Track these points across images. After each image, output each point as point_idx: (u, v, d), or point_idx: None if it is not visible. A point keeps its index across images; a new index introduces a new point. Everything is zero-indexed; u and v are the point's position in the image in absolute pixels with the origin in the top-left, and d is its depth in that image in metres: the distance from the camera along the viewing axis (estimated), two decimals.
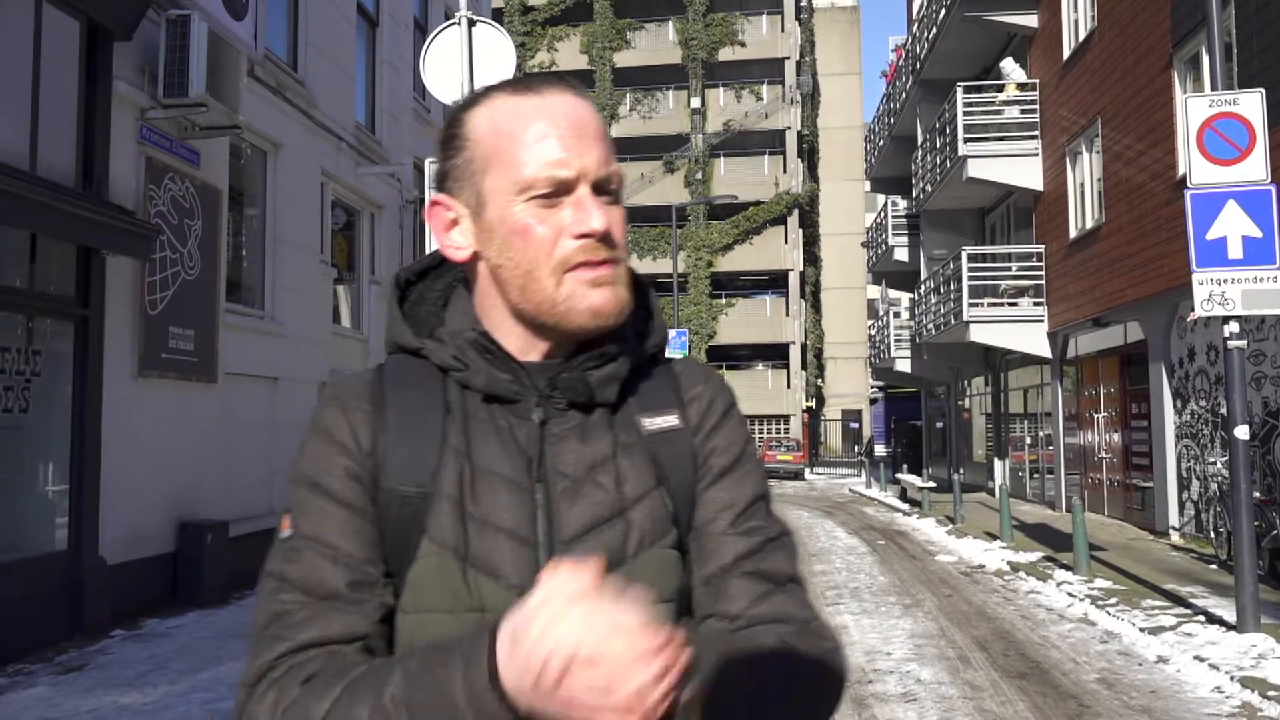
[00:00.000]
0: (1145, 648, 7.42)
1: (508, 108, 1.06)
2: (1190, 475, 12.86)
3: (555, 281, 1.04)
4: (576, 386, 1.07)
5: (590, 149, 1.05)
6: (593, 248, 1.04)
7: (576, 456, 1.06)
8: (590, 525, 1.03)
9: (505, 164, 1.04)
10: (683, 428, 1.12)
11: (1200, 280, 7.35)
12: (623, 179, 1.10)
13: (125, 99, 8.20)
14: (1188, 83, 12.44)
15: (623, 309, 1.07)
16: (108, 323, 8.01)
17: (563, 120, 1.05)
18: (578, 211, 1.04)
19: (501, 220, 1.05)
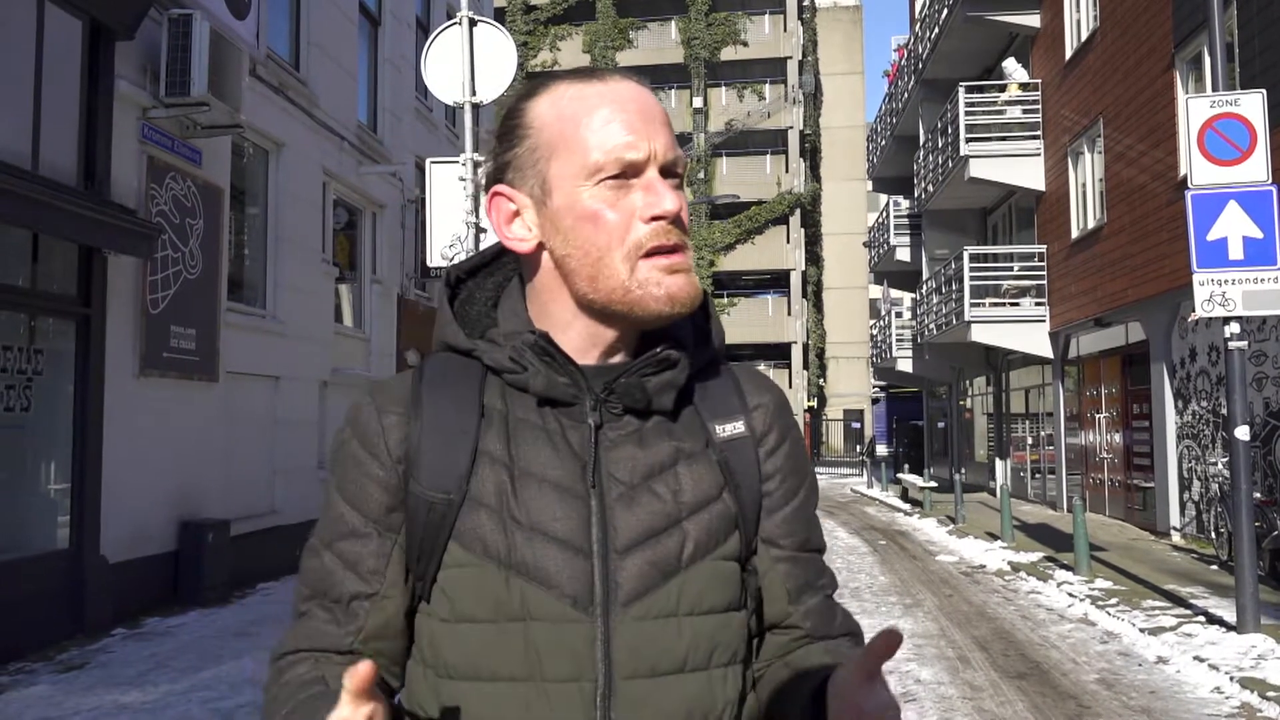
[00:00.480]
0: (1145, 648, 7.42)
1: (571, 94, 1.05)
2: (1191, 476, 12.85)
3: (629, 267, 1.02)
4: (634, 392, 1.05)
5: (658, 132, 1.04)
6: (665, 231, 1.02)
7: (633, 463, 1.04)
8: (646, 535, 1.02)
9: (572, 149, 1.03)
10: (749, 435, 1.11)
11: (1201, 281, 7.35)
12: (686, 167, 1.09)
13: (127, 98, 8.21)
14: (1190, 83, 12.42)
15: (696, 297, 1.05)
16: (109, 322, 8.03)
17: (630, 104, 1.04)
18: (649, 194, 1.02)
19: (570, 206, 1.03)
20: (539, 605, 0.99)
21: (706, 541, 1.04)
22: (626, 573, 1.00)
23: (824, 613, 1.15)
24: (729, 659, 1.05)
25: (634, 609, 0.99)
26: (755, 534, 1.11)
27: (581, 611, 0.99)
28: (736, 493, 1.08)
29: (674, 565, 1.02)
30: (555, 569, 0.99)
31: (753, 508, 1.10)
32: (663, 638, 1.00)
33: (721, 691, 1.03)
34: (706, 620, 1.03)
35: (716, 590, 1.04)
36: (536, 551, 0.99)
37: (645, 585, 1.00)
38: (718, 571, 1.05)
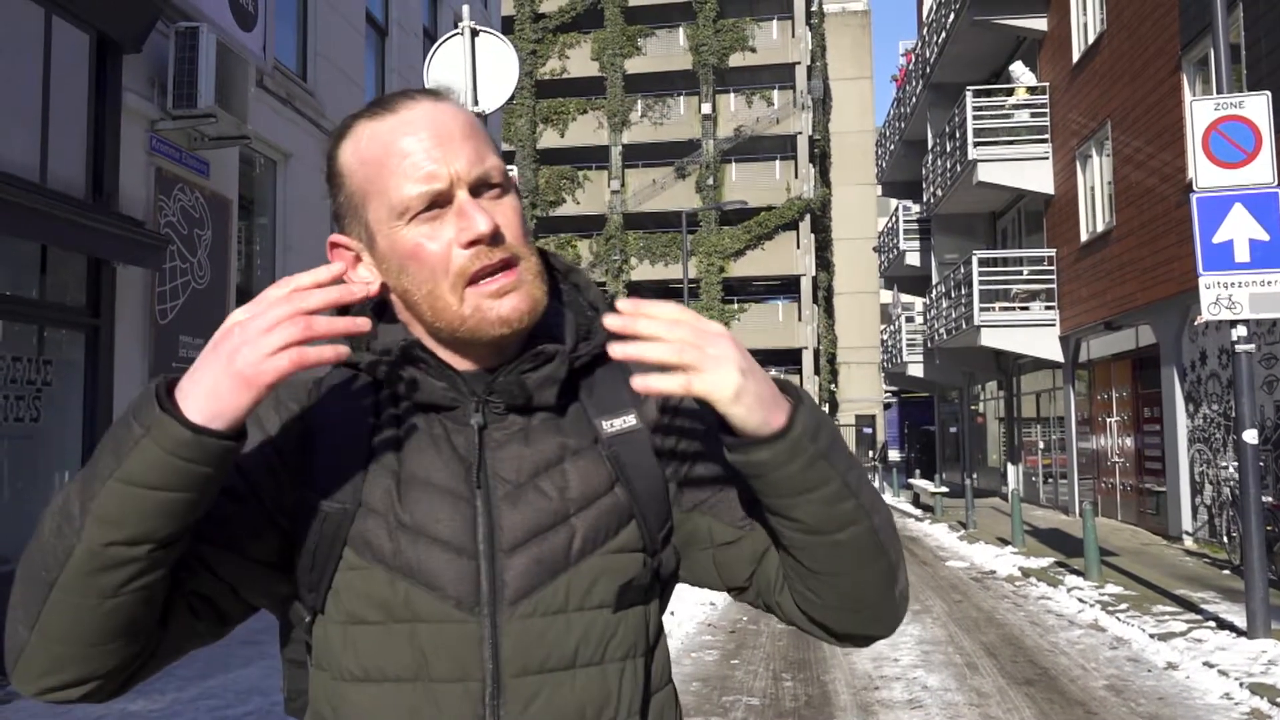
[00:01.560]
0: (1155, 654, 7.37)
1: (367, 135, 1.05)
2: (1203, 479, 12.77)
3: (458, 299, 1.03)
4: (513, 390, 1.06)
5: (457, 152, 1.03)
6: (484, 253, 1.02)
7: (519, 462, 1.05)
8: (532, 532, 1.02)
9: (380, 192, 1.03)
10: (641, 427, 1.11)
11: (1207, 284, 7.32)
12: (505, 170, 1.08)
13: (135, 111, 8.27)
14: (1196, 85, 12.38)
15: (535, 309, 1.06)
16: (118, 332, 8.08)
17: (423, 131, 1.03)
18: (460, 219, 1.02)
19: (392, 248, 1.04)
20: (424, 607, 1.00)
21: (595, 536, 1.04)
22: (513, 571, 1.01)
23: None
24: (626, 653, 1.05)
25: (521, 607, 1.01)
26: (665, 521, 1.10)
27: (466, 612, 1.00)
28: (629, 486, 1.07)
29: (562, 562, 1.02)
30: (439, 570, 1.00)
31: (653, 496, 1.08)
32: (551, 634, 1.01)
33: (618, 686, 1.03)
34: (599, 614, 1.03)
35: (609, 584, 1.04)
36: (421, 554, 1.00)
37: (532, 583, 1.01)
38: (610, 565, 1.04)
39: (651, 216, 40.38)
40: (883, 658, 7.38)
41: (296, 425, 1.07)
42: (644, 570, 1.07)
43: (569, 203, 40.88)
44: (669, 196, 39.89)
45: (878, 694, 6.38)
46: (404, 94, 1.08)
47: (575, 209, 40.61)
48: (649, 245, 40.22)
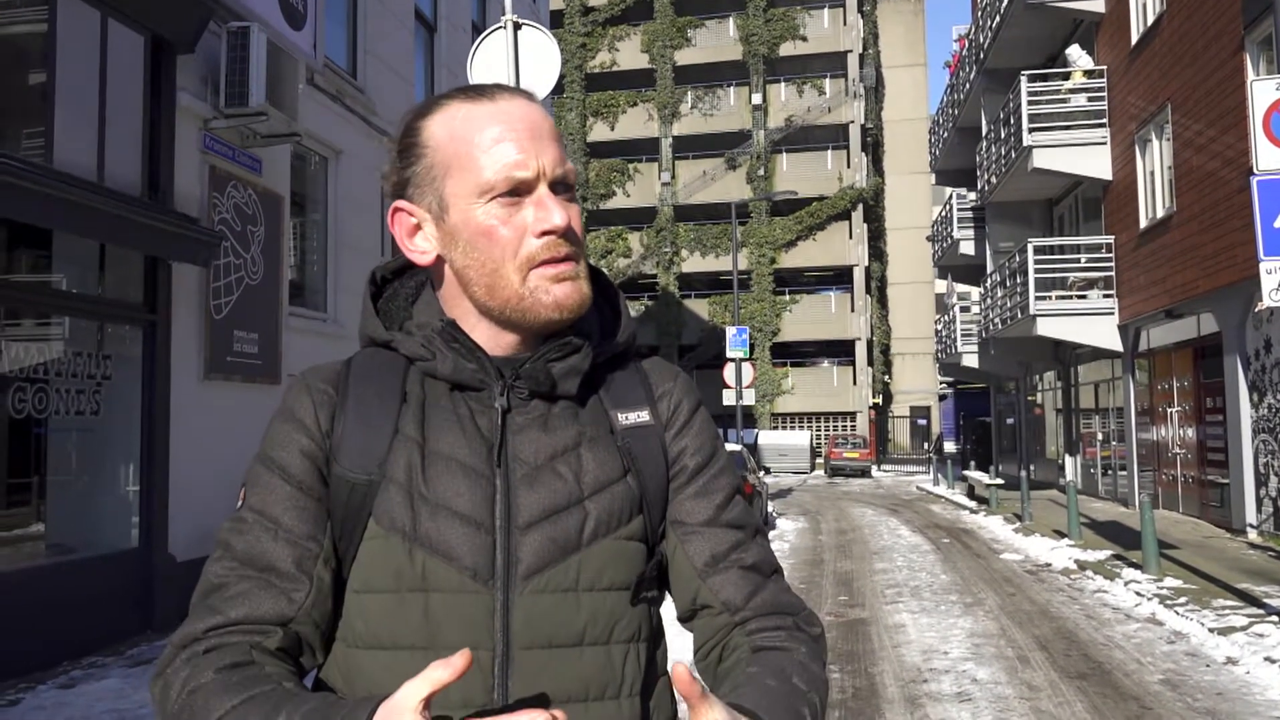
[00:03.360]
0: (1214, 648, 7.20)
1: (462, 114, 1.10)
2: (1268, 471, 12.43)
3: (521, 278, 1.08)
4: (538, 376, 1.10)
5: (546, 149, 1.09)
6: (555, 244, 1.08)
7: (537, 445, 1.09)
8: (547, 512, 1.06)
9: (465, 168, 1.08)
10: (654, 424, 1.16)
11: (1269, 269, 7.13)
12: (576, 177, 1.14)
13: (188, 110, 8.44)
14: (1260, 65, 12.03)
15: (584, 302, 1.11)
16: (174, 327, 8.26)
17: (518, 123, 1.09)
18: (539, 210, 1.08)
19: (465, 223, 1.08)
20: (439, 576, 1.03)
21: (608, 521, 1.08)
22: (527, 547, 1.04)
23: (738, 585, 1.14)
24: (631, 636, 1.08)
25: (533, 582, 1.04)
26: (662, 517, 1.15)
27: (480, 584, 1.03)
28: (639, 477, 1.12)
29: (574, 542, 1.06)
30: (457, 542, 1.03)
31: (658, 492, 1.14)
32: (560, 611, 1.04)
33: (622, 667, 1.07)
34: (606, 596, 1.07)
35: (618, 568, 1.08)
36: (440, 525, 1.04)
37: (544, 560, 1.04)
38: (620, 550, 1.08)
39: (702, 208, 40.24)
40: (933, 650, 7.30)
41: (328, 406, 1.11)
42: (649, 560, 1.12)
43: (619, 195, 40.91)
44: (719, 188, 39.73)
45: (926, 686, 6.31)
46: (500, 86, 1.14)
47: (625, 201, 40.63)
48: (699, 237, 40.10)
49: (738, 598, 1.13)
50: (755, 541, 1.19)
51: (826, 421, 40.16)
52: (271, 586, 1.04)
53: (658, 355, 1.30)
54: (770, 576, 1.18)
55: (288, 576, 1.04)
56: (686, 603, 1.16)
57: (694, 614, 1.17)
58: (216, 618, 1.02)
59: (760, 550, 1.19)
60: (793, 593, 1.20)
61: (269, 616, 1.03)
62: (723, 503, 1.17)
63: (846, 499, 23.48)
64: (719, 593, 1.13)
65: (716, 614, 1.14)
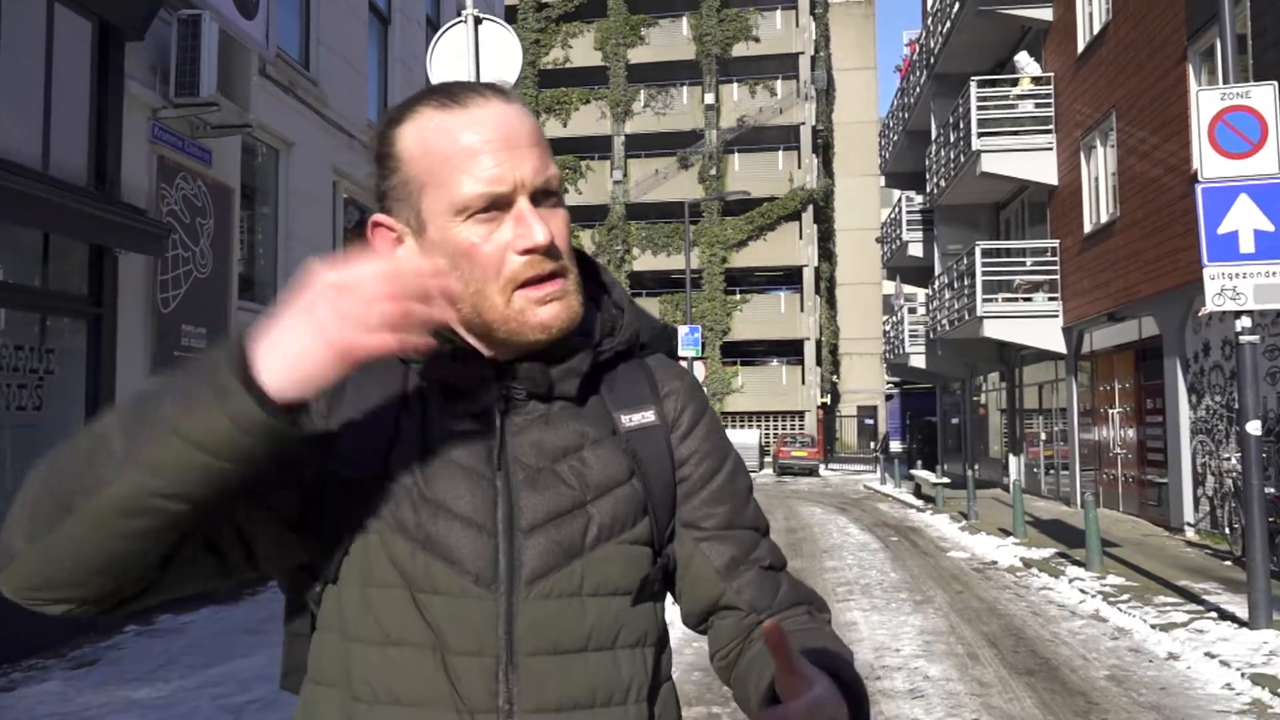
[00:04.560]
0: (1156, 644, 7.38)
1: (434, 125, 1.05)
2: (1205, 471, 12.77)
3: (505, 299, 1.04)
4: (536, 378, 1.08)
5: (523, 159, 1.04)
6: (538, 262, 1.04)
7: (538, 447, 1.07)
8: (551, 515, 1.04)
9: (440, 185, 1.03)
10: (659, 424, 1.14)
11: (1212, 275, 7.30)
12: (562, 180, 1.10)
13: (137, 98, 8.26)
14: (1203, 76, 12.34)
15: (573, 319, 1.07)
16: (120, 321, 8.08)
17: (492, 133, 1.03)
18: (519, 226, 1.03)
19: (444, 241, 1.04)
20: (442, 580, 1.01)
21: (612, 524, 1.06)
22: (530, 551, 1.03)
23: (762, 585, 1.15)
24: (636, 641, 1.07)
25: (537, 587, 1.02)
26: (670, 520, 1.14)
27: (484, 588, 1.01)
28: (645, 480, 1.10)
29: (578, 546, 1.04)
30: (459, 545, 1.02)
31: (664, 494, 1.12)
32: (565, 616, 1.03)
33: (628, 672, 1.06)
34: (612, 601, 1.05)
35: (623, 573, 1.06)
36: (441, 528, 1.02)
37: (548, 564, 1.03)
38: (625, 554, 1.07)
39: (654, 207, 40.31)
40: (884, 648, 7.39)
41: (323, 395, 1.05)
42: (655, 564, 1.11)
43: (571, 193, 40.79)
44: (672, 187, 39.83)
45: (879, 684, 6.38)
46: (473, 88, 1.08)
47: (578, 199, 40.54)
48: (651, 235, 40.16)
49: (764, 599, 1.14)
50: (767, 540, 1.20)
51: (775, 420, 40.46)
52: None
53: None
54: (783, 571, 1.19)
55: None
56: (704, 606, 1.16)
57: (709, 617, 1.17)
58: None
59: (772, 548, 1.19)
60: (803, 583, 1.21)
61: None
62: (738, 505, 1.17)
63: (795, 498, 23.67)
64: (743, 594, 1.14)
65: (743, 616, 1.14)
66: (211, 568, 1.00)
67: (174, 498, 0.87)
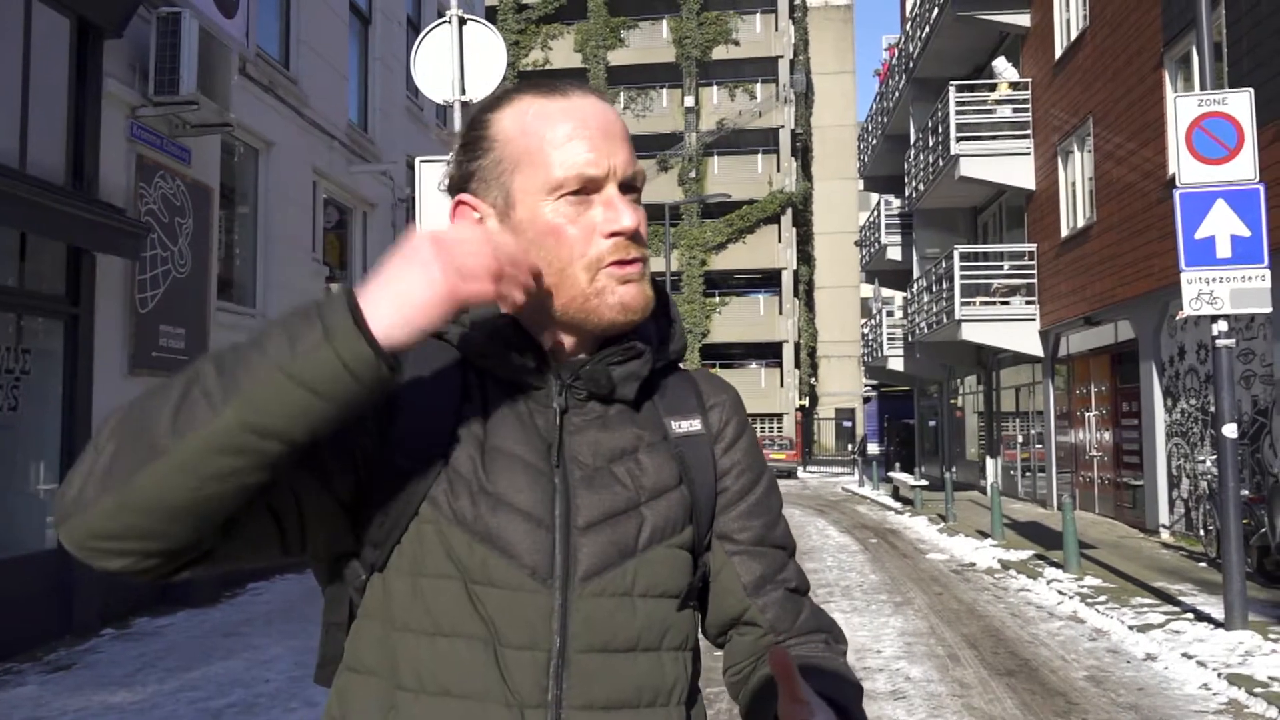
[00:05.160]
0: (1134, 645, 7.45)
1: (534, 110, 1.09)
2: (1180, 473, 12.90)
3: (589, 278, 1.06)
4: (599, 379, 1.10)
5: (618, 149, 1.08)
6: (624, 246, 1.07)
7: (595, 447, 1.09)
8: (607, 514, 1.05)
9: (535, 164, 1.06)
10: (705, 433, 1.17)
11: (1189, 279, 7.38)
12: (644, 179, 1.13)
13: (115, 97, 8.18)
14: (1178, 82, 12.47)
15: (648, 305, 1.10)
16: (98, 321, 8.00)
17: (591, 121, 1.07)
18: (609, 210, 1.06)
19: (532, 220, 1.06)
20: (499, 573, 1.01)
21: (664, 527, 1.08)
22: (587, 549, 1.04)
23: (785, 607, 1.17)
24: (680, 644, 1.09)
25: (592, 585, 1.03)
26: (709, 529, 1.16)
27: (540, 583, 1.02)
28: (691, 486, 1.12)
29: (631, 546, 1.06)
30: (517, 539, 1.02)
31: (707, 502, 1.14)
32: (618, 615, 1.04)
33: (672, 674, 1.07)
34: (660, 603, 1.07)
35: (670, 576, 1.08)
36: (501, 521, 1.02)
37: (604, 562, 1.04)
38: (673, 558, 1.09)
39: None
40: (865, 649, 7.42)
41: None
42: (695, 570, 1.13)
43: None
44: (651, 189, 39.79)
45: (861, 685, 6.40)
46: (572, 83, 1.12)
47: None
48: None
49: (785, 621, 1.16)
50: (794, 561, 1.22)
51: (754, 423, 39.91)
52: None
53: None
54: (806, 595, 1.21)
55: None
56: (727, 619, 1.18)
57: (729, 630, 1.19)
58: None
59: (798, 571, 1.21)
60: (824, 611, 1.23)
61: None
62: (771, 522, 1.19)
63: None
64: (766, 613, 1.16)
65: (762, 635, 1.16)
66: (271, 537, 0.99)
67: (272, 436, 0.86)
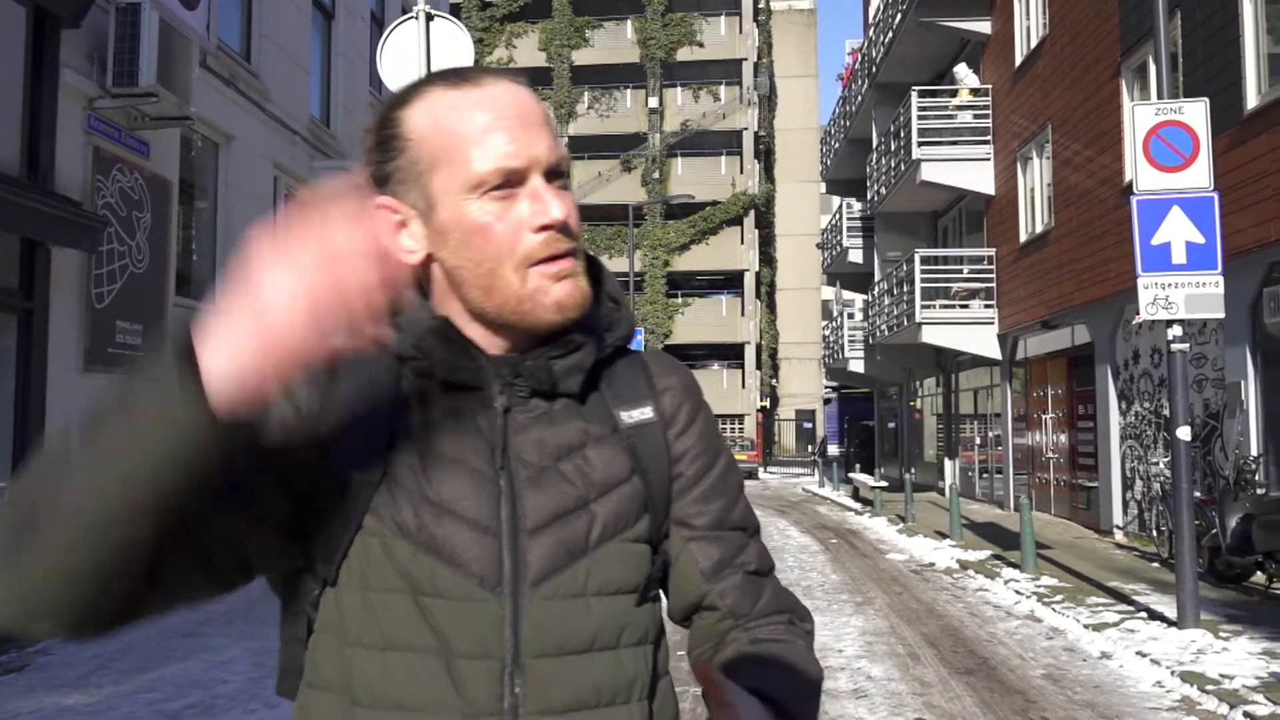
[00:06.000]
0: (1089, 644, 7.57)
1: (446, 102, 1.03)
2: (1134, 475, 13.14)
3: (520, 278, 1.01)
4: (540, 375, 1.06)
5: (538, 137, 1.03)
6: (555, 239, 1.02)
7: (540, 446, 1.05)
8: (555, 515, 1.02)
9: (453, 162, 1.01)
10: (656, 420, 1.13)
11: (1145, 284, 7.51)
12: (570, 163, 1.08)
13: (72, 88, 8.04)
14: (1135, 91, 12.70)
15: (585, 301, 1.06)
16: (52, 316, 7.85)
17: (507, 110, 1.02)
18: (535, 203, 1.01)
19: (457, 220, 1.02)
20: (447, 583, 0.99)
21: (615, 523, 1.05)
22: (535, 553, 1.01)
23: (744, 590, 1.14)
24: (639, 639, 1.06)
25: (543, 589, 1.01)
26: (665, 517, 1.12)
27: (489, 591, 0.99)
28: (644, 477, 1.09)
29: (582, 546, 1.03)
30: (463, 547, 0.99)
31: (662, 491, 1.11)
32: (571, 617, 1.01)
33: (631, 671, 1.05)
34: (616, 601, 1.04)
35: (626, 571, 1.05)
36: (445, 530, 1.00)
37: (554, 565, 1.01)
38: (627, 553, 1.06)
39: (597, 209, 40.27)
40: (827, 649, 7.47)
41: (315, 393, 1.03)
42: (654, 562, 1.09)
43: None
44: (615, 189, 39.83)
45: (823, 684, 6.45)
46: (483, 70, 1.07)
47: None
48: (594, 238, 40.12)
49: (744, 604, 1.13)
50: (755, 542, 1.19)
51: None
52: None
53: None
54: (768, 576, 1.18)
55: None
56: (688, 604, 1.15)
57: (692, 614, 1.16)
58: None
59: (760, 551, 1.18)
60: (788, 590, 1.20)
61: None
62: (729, 504, 1.16)
63: None
64: (725, 598, 1.13)
65: (721, 618, 1.13)
66: (204, 582, 0.96)
67: (134, 507, 0.81)
